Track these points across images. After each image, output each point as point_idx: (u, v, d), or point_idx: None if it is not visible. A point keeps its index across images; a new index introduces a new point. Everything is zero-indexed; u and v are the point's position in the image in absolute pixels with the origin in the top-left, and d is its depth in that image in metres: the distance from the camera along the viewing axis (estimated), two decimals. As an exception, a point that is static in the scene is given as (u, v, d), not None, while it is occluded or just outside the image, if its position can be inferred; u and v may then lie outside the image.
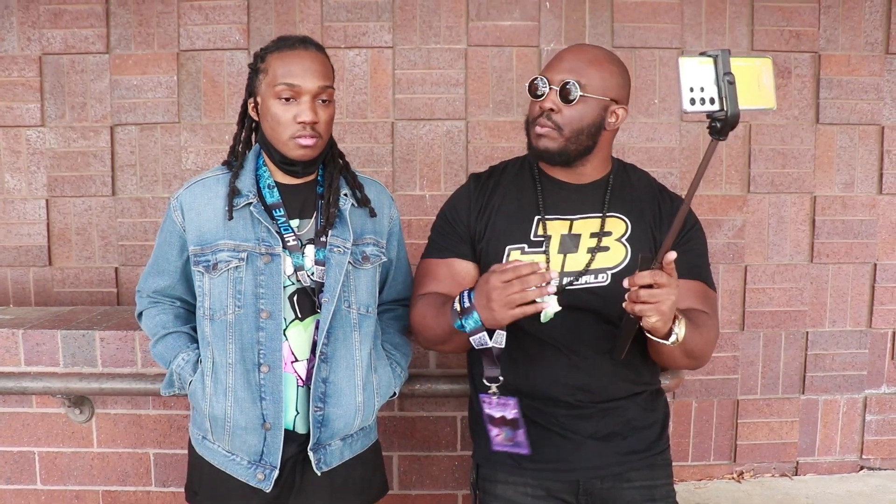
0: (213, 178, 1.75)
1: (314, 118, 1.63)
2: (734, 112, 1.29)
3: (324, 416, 1.70)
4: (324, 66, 1.68)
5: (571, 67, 1.67)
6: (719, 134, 1.32)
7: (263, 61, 1.67)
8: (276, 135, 1.66)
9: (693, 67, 1.29)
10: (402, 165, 3.29)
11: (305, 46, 1.68)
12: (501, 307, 1.44)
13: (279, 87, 1.62)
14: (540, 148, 1.69)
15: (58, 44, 3.22)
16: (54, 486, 2.45)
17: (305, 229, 1.72)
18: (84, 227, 3.30)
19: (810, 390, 3.43)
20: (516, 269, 1.43)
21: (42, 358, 2.34)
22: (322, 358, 1.69)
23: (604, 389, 1.71)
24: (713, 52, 1.30)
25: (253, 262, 1.66)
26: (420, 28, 3.24)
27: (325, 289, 1.68)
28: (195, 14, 3.22)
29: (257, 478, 1.69)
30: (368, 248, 1.77)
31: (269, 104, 1.65)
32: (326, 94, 1.67)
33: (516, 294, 1.43)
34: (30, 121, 3.25)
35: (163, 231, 1.79)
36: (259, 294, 1.66)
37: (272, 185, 1.72)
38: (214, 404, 1.70)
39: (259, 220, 1.68)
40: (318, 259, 1.69)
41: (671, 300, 1.44)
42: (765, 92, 1.33)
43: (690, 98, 1.28)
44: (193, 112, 3.26)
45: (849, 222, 3.39)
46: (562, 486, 1.72)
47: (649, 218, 1.76)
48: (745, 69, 1.31)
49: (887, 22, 3.31)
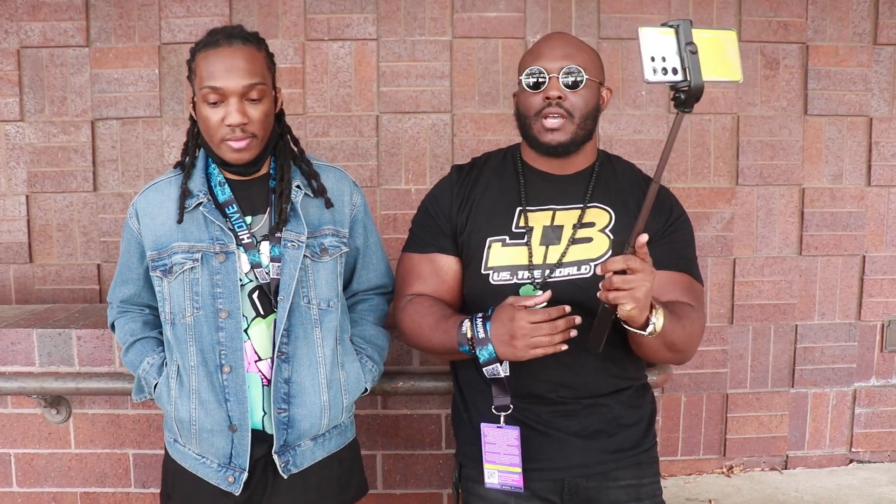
0: (165, 182, 1.72)
1: (242, 119, 1.56)
2: (697, 83, 1.27)
3: (289, 417, 1.66)
4: (250, 63, 1.57)
5: (566, 54, 1.65)
6: (684, 105, 1.30)
7: (194, 60, 1.61)
8: (208, 138, 1.61)
9: (654, 37, 1.27)
10: (388, 159, 3.25)
11: (230, 42, 1.57)
12: (525, 347, 1.45)
13: (204, 91, 1.56)
14: (553, 143, 1.65)
15: (36, 37, 3.17)
16: (31, 489, 2.41)
17: (259, 225, 1.68)
18: (65, 224, 3.25)
19: (799, 384, 3.42)
20: (548, 313, 1.44)
21: (17, 357, 2.30)
22: (282, 357, 1.65)
23: (587, 385, 1.68)
24: (674, 21, 1.28)
25: (208, 262, 1.63)
26: (405, 20, 3.20)
27: (280, 286, 1.65)
28: (176, 6, 3.17)
29: (227, 481, 1.66)
30: (327, 239, 1.72)
31: (199, 107, 1.59)
32: (256, 92, 1.57)
33: (545, 338, 1.43)
34: (8, 115, 3.20)
35: (123, 240, 1.77)
36: (216, 294, 1.63)
37: (223, 182, 1.68)
38: (179, 407, 1.67)
39: (211, 220, 1.64)
40: (273, 255, 1.66)
41: (646, 286, 1.39)
42: (730, 64, 1.31)
43: (652, 68, 1.26)
44: (175, 106, 3.21)
45: (837, 214, 3.38)
46: (546, 486, 1.69)
47: (634, 209, 1.73)
48: (710, 40, 1.29)
49: (875, 12, 3.29)
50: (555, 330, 1.44)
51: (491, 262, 1.68)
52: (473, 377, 1.74)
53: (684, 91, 1.28)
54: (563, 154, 1.69)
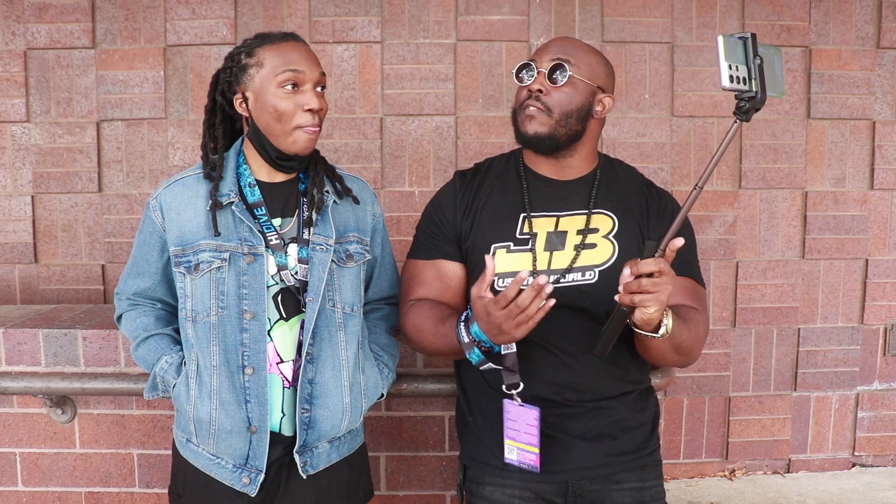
0: (193, 177, 1.71)
1: (322, 104, 1.62)
2: (763, 94, 1.32)
3: (310, 417, 1.67)
4: (317, 57, 1.67)
5: (559, 51, 1.66)
6: (746, 115, 1.35)
7: (252, 56, 1.63)
8: (279, 126, 1.62)
9: (731, 45, 1.31)
10: (391, 161, 3.26)
11: (297, 39, 1.66)
12: (514, 329, 1.45)
13: (284, 75, 1.59)
14: (529, 133, 1.66)
15: (43, 38, 3.18)
16: (36, 488, 2.42)
17: (288, 227, 1.69)
18: (70, 224, 3.27)
19: (802, 387, 3.42)
20: (505, 297, 1.41)
21: (23, 357, 2.31)
22: (308, 359, 1.66)
23: (592, 388, 1.69)
24: (744, 33, 1.33)
25: (235, 263, 1.63)
26: (409, 23, 3.21)
27: (309, 287, 1.65)
28: (182, 9, 3.18)
29: (242, 482, 1.66)
30: (352, 245, 1.74)
31: (268, 96, 1.60)
32: (324, 83, 1.66)
33: (522, 315, 1.43)
34: (15, 116, 3.21)
35: (142, 231, 1.75)
36: (242, 295, 1.63)
37: (253, 184, 1.69)
38: (199, 407, 1.66)
39: (241, 220, 1.65)
40: (301, 257, 1.67)
41: (669, 289, 1.41)
42: (777, 80, 1.36)
43: (730, 76, 1.30)
44: (180, 108, 3.23)
45: (840, 218, 3.38)
46: (550, 488, 1.70)
47: (637, 214, 1.74)
48: (766, 55, 1.34)
49: (878, 16, 3.29)
50: (523, 305, 1.40)
51: (496, 268, 1.69)
52: (476, 379, 1.75)
53: (749, 101, 1.33)
54: (543, 148, 1.69)
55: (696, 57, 3.27)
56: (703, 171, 1.39)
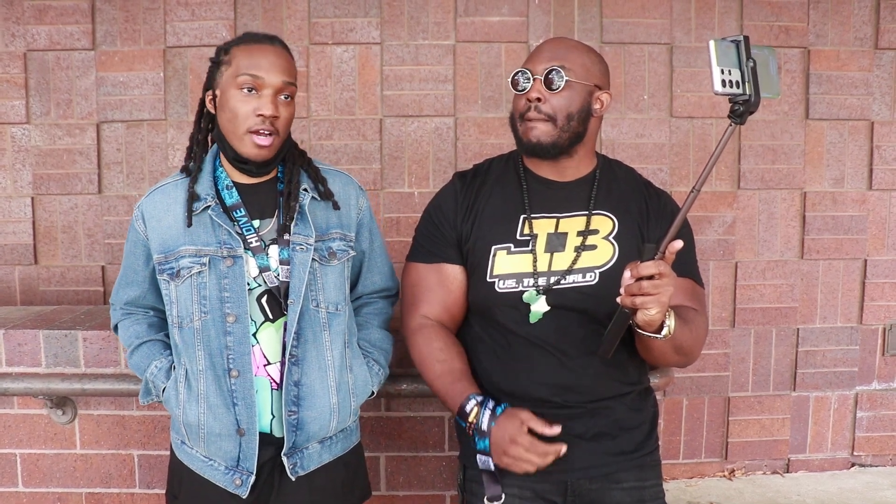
0: (171, 184, 1.72)
1: (274, 112, 1.59)
2: (757, 97, 1.33)
3: (298, 419, 1.67)
4: (289, 64, 1.64)
5: (552, 56, 1.66)
6: (740, 118, 1.35)
7: (227, 54, 1.63)
8: (232, 128, 1.61)
9: (723, 49, 1.32)
10: (391, 162, 3.27)
11: (272, 42, 1.64)
12: (512, 463, 1.56)
13: (242, 78, 1.58)
14: (532, 141, 1.67)
15: (43, 40, 3.18)
16: (36, 489, 2.42)
17: (267, 229, 1.69)
18: (70, 226, 3.27)
19: (801, 387, 3.43)
20: (545, 450, 1.55)
21: (24, 358, 2.31)
22: (292, 360, 1.66)
23: (591, 389, 1.69)
24: (736, 37, 1.34)
25: (215, 266, 1.63)
26: (408, 24, 3.22)
27: (291, 289, 1.65)
28: (181, 10, 3.19)
29: (234, 483, 1.67)
30: (335, 243, 1.73)
31: (228, 95, 1.60)
32: (289, 91, 1.62)
33: (530, 465, 1.55)
34: (14, 118, 3.21)
35: (129, 241, 1.77)
36: (224, 298, 1.63)
37: (230, 186, 1.68)
38: (188, 411, 1.67)
39: (219, 223, 1.65)
40: (282, 258, 1.66)
41: (671, 291, 1.42)
42: (771, 81, 1.36)
43: (722, 80, 1.31)
44: (180, 109, 3.23)
45: (839, 218, 3.38)
46: (550, 488, 1.70)
47: (636, 215, 1.74)
48: (759, 56, 1.35)
49: (876, 17, 3.30)
50: (543, 459, 1.54)
51: (496, 269, 1.69)
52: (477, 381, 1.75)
53: (743, 104, 1.33)
54: (547, 156, 1.69)
55: (695, 58, 3.27)
56: (701, 174, 1.40)
